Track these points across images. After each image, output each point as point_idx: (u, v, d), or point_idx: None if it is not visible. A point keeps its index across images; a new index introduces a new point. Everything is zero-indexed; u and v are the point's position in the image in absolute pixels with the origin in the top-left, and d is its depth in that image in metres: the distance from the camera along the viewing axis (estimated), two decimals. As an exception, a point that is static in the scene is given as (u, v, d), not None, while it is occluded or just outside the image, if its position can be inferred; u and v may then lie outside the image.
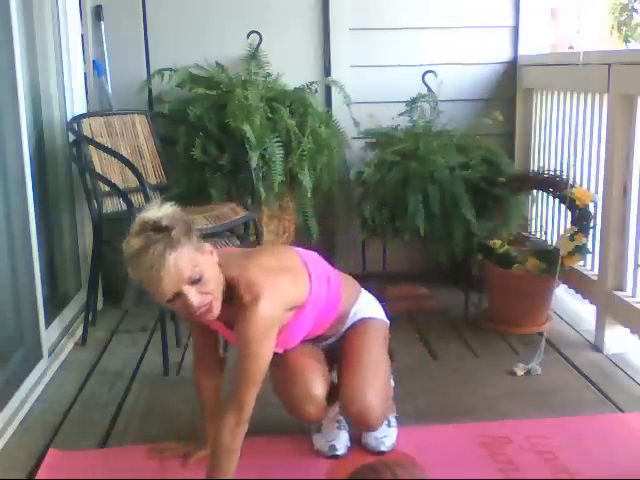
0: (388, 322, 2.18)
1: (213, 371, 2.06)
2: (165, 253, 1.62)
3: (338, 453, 2.07)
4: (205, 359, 2.06)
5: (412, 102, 3.51)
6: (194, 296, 1.68)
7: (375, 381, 1.99)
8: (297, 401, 1.99)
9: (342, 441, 2.09)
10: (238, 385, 1.76)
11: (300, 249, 2.05)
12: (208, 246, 1.76)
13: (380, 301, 2.21)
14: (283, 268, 1.86)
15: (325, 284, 1.96)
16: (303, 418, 2.03)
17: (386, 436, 2.10)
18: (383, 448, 2.08)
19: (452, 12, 3.69)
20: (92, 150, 3.05)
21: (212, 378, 2.06)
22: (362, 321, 2.09)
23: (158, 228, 1.65)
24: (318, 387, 1.97)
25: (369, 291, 2.20)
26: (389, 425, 2.13)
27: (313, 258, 2.01)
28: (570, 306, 3.31)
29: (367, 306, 2.14)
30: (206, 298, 1.71)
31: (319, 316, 1.97)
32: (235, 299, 1.76)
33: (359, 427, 2.07)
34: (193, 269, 1.66)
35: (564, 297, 3.34)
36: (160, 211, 1.69)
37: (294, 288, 1.86)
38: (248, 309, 1.73)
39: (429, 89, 3.58)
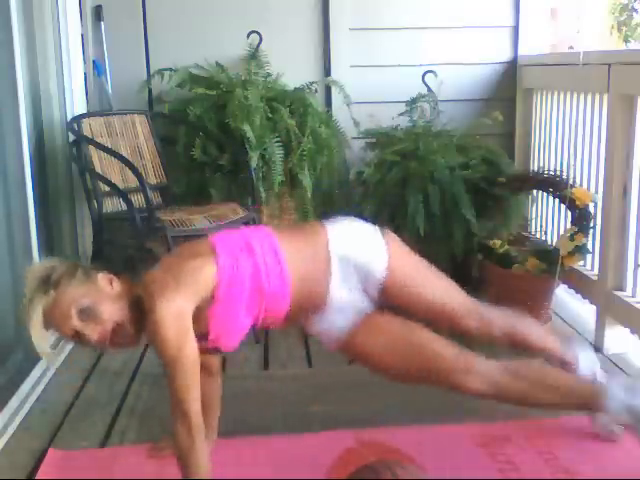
0: (388, 233, 1.93)
1: (209, 368, 1.99)
2: (42, 299, 1.65)
3: None
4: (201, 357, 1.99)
5: (412, 102, 3.51)
6: (91, 332, 1.67)
7: (452, 301, 1.93)
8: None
9: None
10: (174, 395, 1.68)
11: (222, 232, 1.90)
12: (102, 276, 1.73)
13: None
14: (182, 261, 1.75)
15: (246, 256, 1.75)
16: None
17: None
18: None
19: (452, 12, 3.70)
20: (92, 150, 3.05)
21: (209, 375, 2.00)
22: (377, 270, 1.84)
23: (40, 281, 1.67)
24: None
25: None
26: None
27: (231, 235, 1.84)
28: (570, 306, 3.31)
29: (353, 245, 1.85)
30: (106, 330, 1.68)
31: (258, 290, 1.75)
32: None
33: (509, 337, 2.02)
34: (78, 301, 1.66)
35: (564, 297, 3.34)
36: (48, 263, 1.72)
37: (193, 274, 1.70)
38: (149, 317, 1.66)
39: (429, 89, 3.58)
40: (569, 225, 2.97)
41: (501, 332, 2.00)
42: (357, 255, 1.82)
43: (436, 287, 1.94)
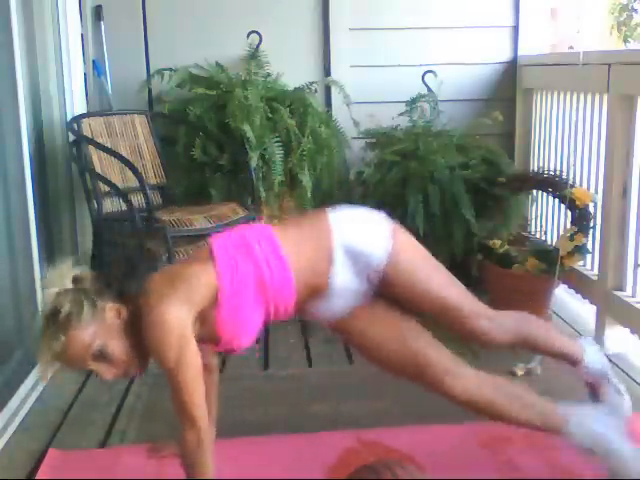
0: (396, 226, 1.89)
1: (206, 366, 1.89)
2: (52, 342, 1.63)
3: None
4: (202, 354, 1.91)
5: (412, 102, 3.51)
6: (105, 372, 1.67)
7: (449, 301, 1.85)
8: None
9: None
10: (178, 401, 1.66)
11: (221, 233, 1.85)
12: (109, 307, 1.68)
13: None
14: (179, 271, 1.74)
15: (244, 254, 1.72)
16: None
17: (619, 406, 2.02)
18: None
19: (452, 12, 3.70)
20: (92, 150, 3.05)
21: (207, 373, 1.89)
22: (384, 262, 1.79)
23: (49, 314, 1.64)
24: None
25: None
26: (620, 393, 2.05)
27: (228, 235, 1.80)
28: (570, 306, 3.31)
29: (356, 234, 1.81)
30: (119, 367, 1.68)
31: (262, 284, 1.72)
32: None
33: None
34: (91, 347, 1.64)
35: (564, 297, 3.34)
36: (53, 288, 1.67)
37: (191, 279, 1.68)
38: (146, 328, 1.64)
39: (429, 89, 3.58)
40: (569, 225, 2.97)
41: (510, 336, 1.97)
42: (359, 241, 1.79)
43: (442, 283, 1.86)
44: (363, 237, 1.81)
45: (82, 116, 3.19)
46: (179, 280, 1.67)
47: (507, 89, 3.77)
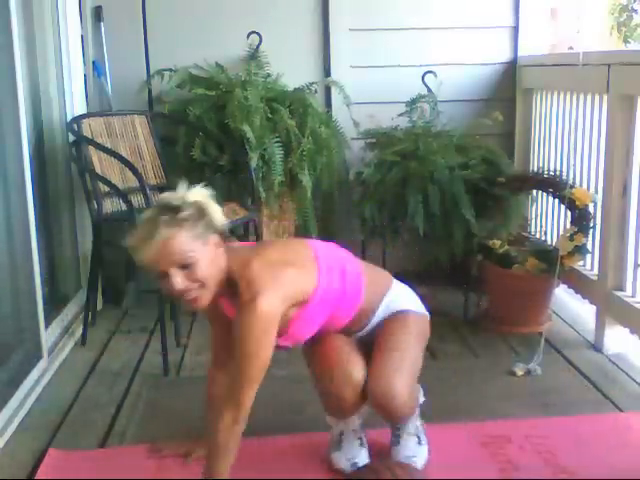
0: (427, 315, 2.08)
1: (227, 367, 1.94)
2: (163, 229, 1.65)
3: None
4: (221, 354, 2.00)
5: (412, 102, 3.51)
6: (178, 281, 1.68)
7: (403, 367, 1.90)
8: (335, 384, 1.90)
9: (363, 459, 2.00)
10: (236, 384, 1.74)
11: (317, 242, 2.00)
12: (214, 238, 1.75)
13: None
14: (287, 262, 1.81)
15: (338, 277, 1.88)
16: (339, 404, 1.93)
17: (416, 456, 1.99)
18: (416, 467, 1.98)
19: (452, 12, 3.70)
20: (92, 151, 3.05)
21: (226, 374, 1.94)
22: (396, 314, 2.00)
23: (168, 207, 1.69)
24: (357, 370, 1.90)
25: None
26: (419, 443, 2.02)
27: (328, 251, 1.94)
28: (570, 306, 3.31)
29: (400, 299, 2.03)
30: (193, 286, 1.70)
31: (334, 310, 1.90)
32: (237, 295, 1.76)
33: (383, 415, 1.95)
34: (185, 254, 1.67)
35: (564, 297, 3.34)
36: (186, 192, 1.73)
37: (297, 283, 1.81)
38: (246, 307, 1.71)
39: (429, 89, 3.58)
40: (569, 225, 2.97)
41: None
42: (396, 306, 2.02)
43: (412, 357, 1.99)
44: (400, 304, 2.03)
45: (82, 117, 3.19)
46: (285, 277, 1.77)
47: (507, 89, 3.77)
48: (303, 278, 1.82)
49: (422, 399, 2.06)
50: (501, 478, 1.97)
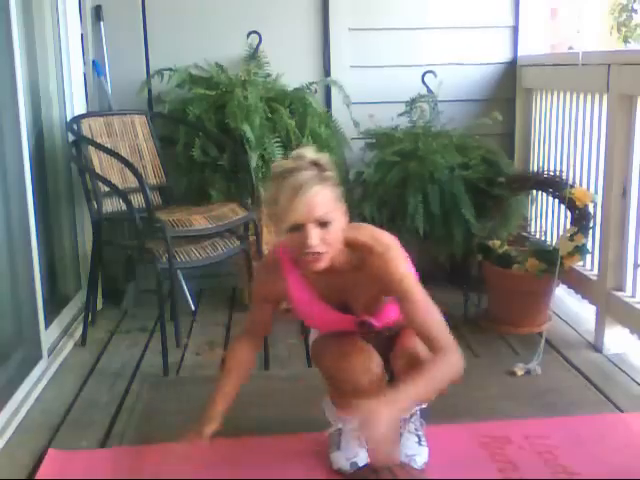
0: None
1: (253, 349, 1.98)
2: (313, 182, 1.65)
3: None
4: (253, 335, 1.99)
5: (412, 102, 3.51)
6: (315, 236, 1.66)
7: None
8: (353, 371, 1.86)
9: (363, 459, 1.97)
10: (425, 326, 1.74)
11: None
12: (343, 207, 1.75)
13: None
14: (399, 249, 1.84)
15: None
16: (355, 393, 1.84)
17: (416, 455, 1.98)
18: (415, 466, 1.96)
19: (452, 12, 3.70)
20: (92, 150, 3.05)
21: (250, 354, 1.97)
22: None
23: (314, 163, 1.69)
24: (376, 363, 1.88)
25: None
26: (420, 443, 2.01)
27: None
28: (570, 306, 3.31)
29: None
30: (322, 247, 1.68)
31: None
32: (357, 263, 1.77)
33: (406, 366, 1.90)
34: (327, 212, 1.67)
35: (564, 297, 3.34)
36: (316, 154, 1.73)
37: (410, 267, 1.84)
38: (386, 255, 1.75)
39: (429, 89, 3.58)
40: (569, 225, 2.97)
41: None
42: None
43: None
44: None
45: (82, 116, 3.19)
46: (405, 258, 1.81)
47: (507, 89, 3.77)
48: (410, 265, 1.84)
49: (424, 404, 2.05)
50: (501, 478, 1.97)
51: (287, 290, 1.88)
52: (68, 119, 3.19)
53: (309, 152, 1.72)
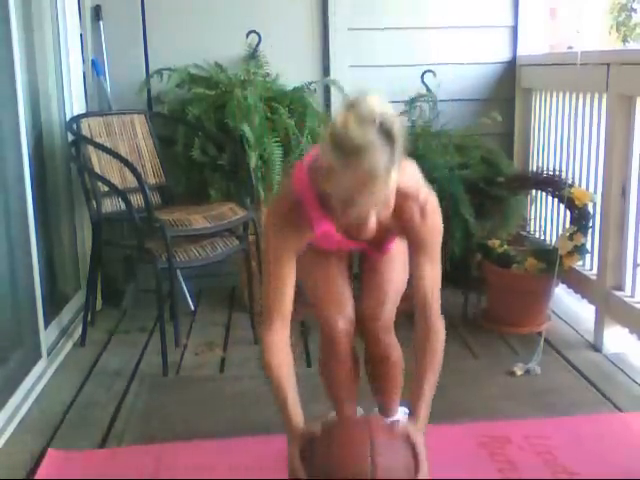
0: None
1: (287, 339, 1.73)
2: (389, 171, 1.43)
3: None
4: (282, 318, 1.69)
5: (411, 102, 3.51)
6: (373, 220, 1.50)
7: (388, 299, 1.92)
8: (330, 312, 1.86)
9: None
10: (430, 300, 1.79)
11: None
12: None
13: None
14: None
15: None
16: (333, 329, 1.86)
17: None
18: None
19: (451, 12, 3.69)
20: (91, 150, 3.05)
21: (288, 348, 1.73)
22: None
23: (387, 133, 1.44)
24: (349, 307, 1.89)
25: None
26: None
27: None
28: (569, 306, 3.31)
29: None
30: (374, 221, 1.51)
31: None
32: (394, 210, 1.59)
33: (370, 324, 1.92)
34: (389, 199, 1.51)
35: (563, 297, 3.34)
36: (382, 105, 1.47)
37: None
38: (425, 207, 1.72)
39: (428, 89, 3.58)
40: (568, 225, 2.97)
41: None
42: None
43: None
44: None
45: (81, 116, 3.19)
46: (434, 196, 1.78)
47: (506, 89, 3.77)
48: None
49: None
50: (500, 478, 1.97)
51: (311, 231, 1.65)
52: (67, 119, 3.19)
53: (378, 108, 1.45)
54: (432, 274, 1.79)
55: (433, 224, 1.75)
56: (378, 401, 2.11)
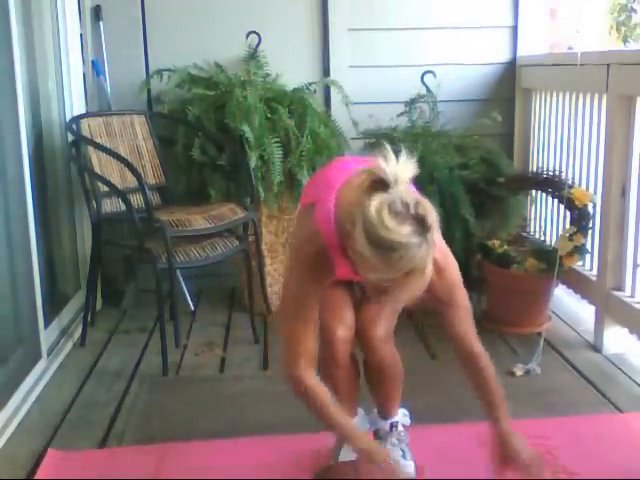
0: None
1: (312, 371, 1.69)
2: (426, 263, 1.41)
3: None
4: (311, 361, 1.68)
5: (411, 102, 3.51)
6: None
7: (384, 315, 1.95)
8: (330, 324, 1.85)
9: None
10: (471, 339, 1.91)
11: None
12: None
13: None
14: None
15: None
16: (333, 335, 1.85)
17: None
18: None
19: (451, 12, 3.69)
20: (91, 150, 3.05)
21: (314, 373, 1.69)
22: None
23: (422, 222, 1.42)
24: (349, 315, 1.89)
25: None
26: (404, 457, 2.02)
27: None
28: (569, 306, 3.31)
29: None
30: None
31: None
32: None
33: (368, 333, 1.92)
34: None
35: (563, 297, 3.34)
36: (407, 171, 1.44)
37: None
38: (445, 270, 1.74)
39: (428, 89, 3.58)
40: (568, 225, 2.97)
41: None
42: None
43: None
44: None
45: (81, 116, 3.19)
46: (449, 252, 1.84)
47: (506, 89, 3.77)
48: None
49: (408, 421, 2.08)
50: (500, 478, 1.96)
51: (333, 274, 1.65)
52: (67, 119, 3.19)
53: (404, 187, 1.42)
54: (460, 318, 1.88)
55: (450, 275, 1.77)
56: (378, 403, 2.11)
